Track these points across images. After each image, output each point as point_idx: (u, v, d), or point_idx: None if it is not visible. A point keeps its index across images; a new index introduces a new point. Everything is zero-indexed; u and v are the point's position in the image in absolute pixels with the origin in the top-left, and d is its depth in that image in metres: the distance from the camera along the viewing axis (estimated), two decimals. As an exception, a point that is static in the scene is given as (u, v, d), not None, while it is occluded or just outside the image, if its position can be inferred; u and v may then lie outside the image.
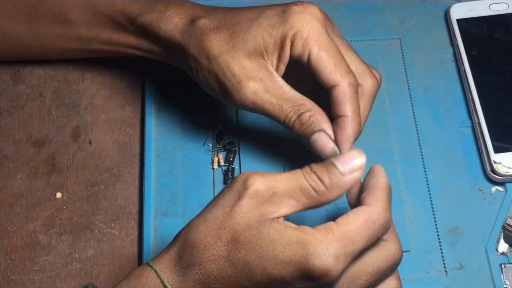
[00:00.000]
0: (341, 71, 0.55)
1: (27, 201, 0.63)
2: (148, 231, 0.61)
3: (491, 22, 0.70)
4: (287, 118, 0.56)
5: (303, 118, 0.56)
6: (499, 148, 0.63)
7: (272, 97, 0.56)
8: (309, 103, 0.56)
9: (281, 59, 0.56)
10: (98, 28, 0.63)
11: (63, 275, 0.60)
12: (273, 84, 0.56)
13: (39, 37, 0.65)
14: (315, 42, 0.55)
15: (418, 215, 0.62)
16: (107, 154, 0.66)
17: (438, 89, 0.68)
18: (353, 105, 0.55)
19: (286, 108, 0.56)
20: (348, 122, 0.55)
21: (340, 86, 0.55)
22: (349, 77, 0.55)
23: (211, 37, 0.57)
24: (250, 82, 0.56)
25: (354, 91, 0.55)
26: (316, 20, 0.55)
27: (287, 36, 0.55)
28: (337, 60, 0.55)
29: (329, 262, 0.46)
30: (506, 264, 0.59)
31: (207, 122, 0.66)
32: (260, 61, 0.56)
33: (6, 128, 0.67)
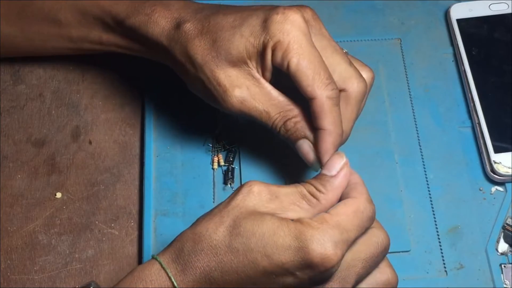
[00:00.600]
0: (319, 84, 0.54)
1: (27, 201, 0.63)
2: (148, 231, 0.61)
3: (491, 22, 0.70)
4: (273, 124, 0.57)
5: (288, 124, 0.57)
6: (499, 148, 0.63)
7: (258, 104, 0.57)
8: (297, 109, 0.57)
9: (264, 66, 0.56)
10: (88, 29, 0.63)
11: (63, 275, 0.60)
12: (259, 90, 0.57)
13: (31, 37, 0.65)
14: (294, 53, 0.54)
15: (418, 215, 0.62)
16: (107, 154, 0.66)
17: (438, 89, 0.68)
18: (331, 118, 0.55)
19: (272, 115, 0.57)
20: (325, 135, 0.55)
21: (318, 100, 0.55)
22: (327, 90, 0.54)
23: (195, 44, 0.57)
24: (235, 91, 0.57)
25: (333, 104, 0.55)
26: (297, 29, 0.55)
27: (268, 46, 0.55)
28: (315, 72, 0.54)
29: (327, 247, 0.48)
30: (506, 264, 0.59)
31: (207, 122, 0.66)
32: (245, 69, 0.57)
33: (6, 128, 0.67)
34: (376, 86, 0.68)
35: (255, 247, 0.48)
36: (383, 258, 0.53)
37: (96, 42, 0.64)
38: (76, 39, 0.64)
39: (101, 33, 0.63)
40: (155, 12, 0.59)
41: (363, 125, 0.66)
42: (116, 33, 0.63)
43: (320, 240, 0.48)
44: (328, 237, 0.48)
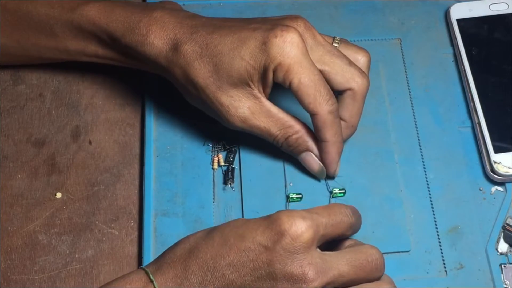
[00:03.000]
0: (320, 100, 0.57)
1: (27, 201, 0.63)
2: (148, 231, 0.61)
3: (491, 22, 0.70)
4: (275, 140, 0.61)
5: (290, 140, 0.60)
6: (499, 148, 0.63)
7: (259, 122, 0.60)
8: (297, 124, 0.60)
9: (265, 85, 0.59)
10: (84, 42, 0.64)
11: (63, 275, 0.60)
12: (260, 109, 0.59)
13: (27, 48, 0.65)
14: (295, 74, 0.57)
15: (418, 215, 0.62)
16: (107, 154, 0.66)
17: (438, 89, 0.68)
18: (332, 131, 0.59)
19: (273, 131, 0.60)
20: (329, 146, 0.60)
21: (319, 115, 0.58)
22: (327, 106, 0.58)
23: (195, 68, 0.59)
24: (237, 111, 0.59)
25: (334, 117, 0.58)
26: (296, 49, 0.57)
27: (269, 68, 0.57)
28: (316, 90, 0.57)
29: (295, 216, 0.50)
30: (506, 264, 0.59)
31: (207, 122, 0.66)
32: (246, 89, 0.59)
33: (6, 128, 0.67)
34: (376, 86, 0.68)
35: (228, 233, 0.51)
36: (377, 273, 0.53)
37: (93, 56, 0.65)
38: (73, 52, 0.65)
39: (97, 47, 0.64)
40: (150, 33, 0.60)
41: (363, 125, 0.66)
42: (113, 49, 0.63)
43: (287, 212, 0.51)
44: (296, 212, 0.51)
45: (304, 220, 0.50)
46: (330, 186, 0.63)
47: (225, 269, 0.50)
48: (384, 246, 0.60)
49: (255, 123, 0.60)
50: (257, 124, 0.60)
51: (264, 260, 0.49)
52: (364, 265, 0.52)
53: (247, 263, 0.50)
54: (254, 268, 0.50)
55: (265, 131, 0.60)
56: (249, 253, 0.50)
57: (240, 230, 0.51)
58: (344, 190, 0.62)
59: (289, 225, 0.50)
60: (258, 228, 0.50)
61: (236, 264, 0.50)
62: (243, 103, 0.59)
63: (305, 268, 0.49)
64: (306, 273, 0.49)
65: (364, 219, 0.61)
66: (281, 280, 0.49)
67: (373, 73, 0.68)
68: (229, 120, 0.60)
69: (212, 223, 0.61)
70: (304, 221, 0.50)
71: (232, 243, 0.50)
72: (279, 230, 0.50)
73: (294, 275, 0.49)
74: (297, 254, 0.50)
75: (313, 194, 0.62)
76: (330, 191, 0.62)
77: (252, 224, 0.51)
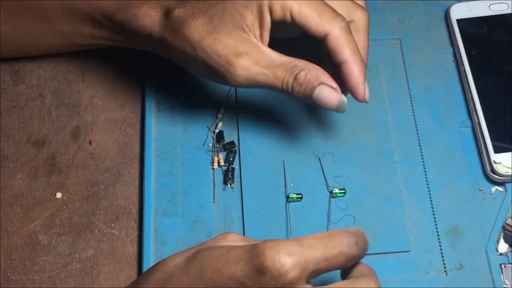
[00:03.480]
0: (328, 19, 0.54)
1: (27, 201, 0.63)
2: (148, 231, 0.61)
3: (491, 22, 0.70)
4: (283, 84, 0.56)
5: (300, 78, 0.55)
6: (499, 148, 0.63)
7: (263, 68, 0.56)
8: (301, 62, 0.56)
9: (263, 27, 0.56)
10: (79, 24, 0.63)
11: (63, 275, 0.60)
12: (260, 55, 0.56)
13: (23, 35, 0.65)
14: (294, 1, 0.54)
15: (418, 215, 0.62)
16: (107, 154, 0.66)
17: (438, 89, 0.68)
18: (351, 48, 0.55)
19: (280, 74, 0.56)
20: (351, 66, 0.55)
21: (332, 35, 0.55)
22: (337, 22, 0.55)
23: (189, 24, 0.57)
24: (237, 59, 0.56)
25: (348, 33, 0.55)
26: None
27: (264, 4, 0.55)
28: (320, 9, 0.54)
29: (281, 251, 0.44)
30: (506, 264, 0.59)
31: (207, 122, 0.66)
32: (242, 35, 0.56)
33: (6, 128, 0.67)
34: (376, 86, 0.68)
35: (206, 265, 0.46)
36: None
37: (89, 37, 0.64)
38: (69, 34, 0.64)
39: (92, 28, 0.63)
40: (143, 5, 0.59)
41: (363, 125, 0.66)
42: (107, 28, 0.62)
43: (273, 246, 0.44)
44: (283, 246, 0.44)
45: (291, 256, 0.44)
46: (330, 186, 0.63)
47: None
48: (384, 246, 0.60)
49: (258, 70, 0.56)
50: (261, 71, 0.56)
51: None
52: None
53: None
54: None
55: (270, 75, 0.56)
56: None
57: (219, 263, 0.45)
58: (344, 190, 0.62)
59: (272, 262, 0.44)
60: (238, 263, 0.45)
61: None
62: (241, 50, 0.56)
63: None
64: None
65: (364, 219, 0.61)
66: None
67: (373, 73, 0.68)
68: (231, 72, 0.56)
69: (212, 223, 0.61)
70: (290, 258, 0.44)
71: (208, 278, 0.45)
72: (259, 267, 0.44)
73: None
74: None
75: (313, 194, 0.62)
76: (330, 191, 0.62)
77: (233, 256, 0.45)
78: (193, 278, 0.46)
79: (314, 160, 0.64)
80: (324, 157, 0.64)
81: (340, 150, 0.65)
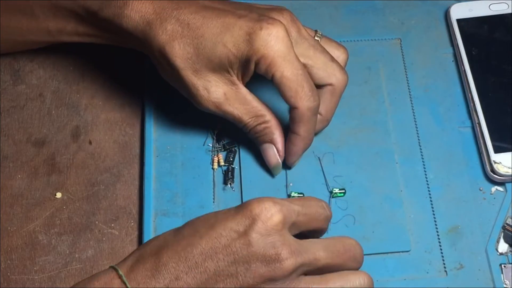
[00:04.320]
0: (302, 95, 0.58)
1: (27, 201, 0.63)
2: (148, 231, 0.61)
3: (491, 22, 0.70)
4: (244, 127, 0.61)
5: (258, 128, 0.61)
6: (499, 148, 0.63)
7: (233, 109, 0.60)
8: (268, 115, 0.60)
9: (245, 74, 0.59)
10: (64, 21, 0.63)
11: (63, 275, 0.60)
12: (236, 95, 0.60)
13: (9, 31, 0.65)
14: (278, 67, 0.57)
15: (418, 215, 0.62)
16: (107, 154, 0.66)
17: (438, 89, 0.68)
18: (307, 127, 0.59)
19: (245, 119, 0.60)
20: (299, 140, 0.60)
21: (299, 110, 0.58)
22: (308, 102, 0.58)
23: (174, 47, 0.58)
24: (212, 96, 0.59)
25: (311, 114, 0.59)
26: (281, 43, 0.57)
27: (251, 59, 0.57)
28: (298, 85, 0.57)
29: (265, 200, 0.50)
30: (506, 264, 0.59)
31: (207, 122, 0.66)
32: (225, 75, 0.59)
33: (6, 128, 0.67)
34: (376, 86, 0.68)
35: (198, 224, 0.51)
36: (354, 263, 0.53)
37: (73, 34, 0.64)
38: (54, 32, 0.64)
39: (77, 25, 0.63)
40: (127, 5, 0.59)
41: (363, 125, 0.66)
42: (91, 25, 0.62)
43: (258, 199, 0.51)
44: (266, 198, 0.51)
45: (274, 204, 0.50)
46: (330, 186, 0.63)
47: (198, 257, 0.49)
48: (384, 246, 0.60)
49: (228, 109, 0.60)
50: (230, 110, 0.60)
51: (237, 244, 0.49)
52: (341, 252, 0.52)
53: (220, 249, 0.49)
54: (227, 254, 0.49)
55: (237, 117, 0.60)
56: (221, 239, 0.49)
57: (211, 220, 0.51)
58: (344, 190, 0.62)
59: (260, 209, 0.50)
60: (229, 216, 0.50)
61: (209, 251, 0.49)
62: (219, 88, 0.59)
63: (278, 248, 0.49)
64: (280, 253, 0.49)
65: (364, 219, 0.61)
66: (255, 262, 0.49)
67: (373, 73, 0.69)
68: (203, 104, 0.60)
69: (212, 223, 0.61)
70: (274, 205, 0.50)
71: (203, 232, 0.50)
72: (250, 215, 0.50)
73: (268, 255, 0.49)
74: (270, 236, 0.49)
75: (313, 194, 0.62)
76: (330, 191, 0.62)
77: (223, 214, 0.51)
78: (188, 236, 0.50)
79: (314, 160, 0.64)
80: (324, 157, 0.64)
81: (340, 150, 0.65)
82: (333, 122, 0.65)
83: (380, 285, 0.58)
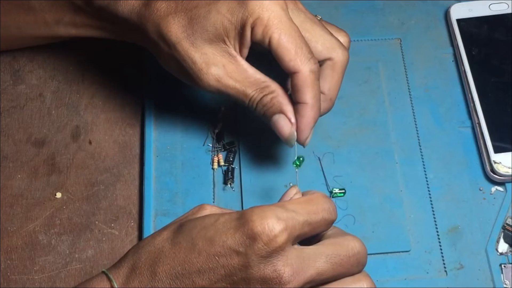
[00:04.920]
0: (302, 58, 0.54)
1: (27, 201, 0.63)
2: (148, 231, 0.61)
3: (491, 22, 0.70)
4: (250, 101, 0.57)
5: (265, 99, 0.56)
6: (499, 148, 0.63)
7: (235, 82, 0.56)
8: (273, 85, 0.57)
9: (242, 43, 0.56)
10: (61, 12, 0.63)
11: (63, 275, 0.60)
12: (236, 68, 0.56)
13: (7, 26, 0.65)
14: (275, 28, 0.54)
15: (418, 215, 0.62)
16: (107, 154, 0.66)
17: (438, 89, 0.68)
18: (313, 92, 0.55)
19: (249, 92, 0.56)
20: (307, 109, 0.56)
21: (300, 74, 0.55)
22: (309, 64, 0.55)
23: (169, 22, 0.56)
24: (211, 69, 0.56)
25: (315, 78, 0.55)
26: (276, 4, 0.54)
27: (247, 22, 0.54)
28: (297, 46, 0.54)
29: (269, 216, 0.47)
30: (506, 264, 0.59)
31: (207, 122, 0.66)
32: (222, 46, 0.56)
33: (6, 128, 0.67)
34: (376, 86, 0.68)
35: (196, 236, 0.48)
36: (358, 267, 0.51)
37: (70, 25, 0.63)
38: (52, 23, 0.64)
39: (74, 15, 0.62)
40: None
41: (363, 125, 0.66)
42: (87, 14, 0.62)
43: (260, 213, 0.47)
44: (270, 211, 0.47)
45: (278, 222, 0.47)
46: (330, 186, 0.63)
47: (195, 276, 0.47)
48: (384, 246, 0.60)
49: (230, 82, 0.56)
50: (232, 84, 0.56)
51: (236, 265, 0.47)
52: (344, 262, 0.49)
53: (218, 269, 0.47)
54: (226, 274, 0.47)
55: (241, 91, 0.56)
56: (219, 258, 0.47)
57: (209, 232, 0.48)
58: (344, 190, 0.62)
59: (262, 228, 0.46)
60: (228, 231, 0.47)
61: (207, 270, 0.47)
62: (218, 61, 0.56)
63: (279, 271, 0.47)
64: (281, 276, 0.47)
65: (364, 219, 0.61)
66: (255, 284, 0.47)
67: (373, 73, 0.69)
68: (203, 79, 0.56)
69: (212, 223, 0.61)
70: (278, 223, 0.47)
71: (200, 247, 0.47)
72: (250, 233, 0.46)
73: (269, 278, 0.47)
74: (271, 257, 0.47)
75: (313, 194, 0.62)
76: (330, 191, 0.63)
77: (222, 226, 0.48)
78: (185, 249, 0.48)
79: (314, 160, 0.64)
80: (324, 157, 0.64)
81: (340, 150, 0.65)
82: (333, 122, 0.65)
83: (380, 285, 0.58)
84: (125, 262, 0.50)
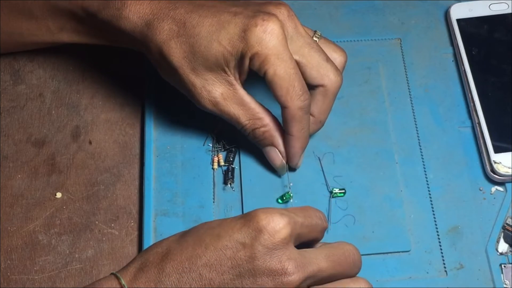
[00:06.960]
0: (292, 95, 0.57)
1: (27, 201, 0.63)
2: (148, 231, 0.61)
3: (491, 22, 0.70)
4: (242, 129, 0.61)
5: (257, 132, 0.60)
6: (499, 148, 0.63)
7: (230, 108, 0.59)
8: (267, 118, 0.60)
9: (241, 71, 0.58)
10: (64, 20, 0.63)
11: (63, 275, 0.60)
12: (233, 95, 0.59)
13: (10, 33, 0.65)
14: (271, 64, 0.56)
15: (418, 215, 0.62)
16: (107, 154, 0.66)
17: (438, 89, 0.68)
18: (300, 126, 0.59)
19: (242, 121, 0.60)
20: (294, 140, 0.60)
21: (289, 109, 0.58)
22: (299, 102, 0.57)
23: (171, 46, 0.58)
24: (210, 95, 0.59)
25: (303, 113, 0.58)
26: (275, 40, 0.56)
27: (246, 56, 0.57)
28: (290, 84, 0.57)
29: (273, 212, 0.50)
30: (506, 264, 0.59)
31: (207, 122, 0.66)
32: (222, 75, 0.59)
33: (6, 128, 0.67)
34: (376, 86, 0.68)
35: (203, 234, 0.51)
36: (354, 269, 0.53)
37: (73, 32, 0.64)
38: (54, 30, 0.64)
39: (76, 24, 0.63)
40: (125, 7, 0.59)
41: (363, 125, 0.66)
42: (90, 25, 0.62)
43: (264, 210, 0.50)
44: (273, 209, 0.50)
45: (282, 217, 0.50)
46: (330, 186, 0.63)
47: (202, 269, 0.49)
48: (384, 246, 0.60)
49: (226, 109, 0.59)
50: (228, 110, 0.59)
51: (243, 257, 0.49)
52: (341, 261, 0.52)
53: (225, 261, 0.49)
54: (232, 266, 0.49)
55: (234, 118, 0.60)
56: (226, 251, 0.49)
57: (216, 230, 0.50)
58: (344, 190, 0.62)
59: (267, 221, 0.49)
60: (235, 226, 0.50)
61: (214, 263, 0.49)
62: (217, 88, 0.59)
63: (284, 263, 0.49)
64: (286, 267, 0.49)
65: (364, 219, 0.61)
66: (261, 276, 0.49)
67: (373, 73, 0.69)
68: (200, 102, 0.60)
69: (212, 223, 0.61)
70: (281, 218, 0.50)
71: (208, 242, 0.50)
72: (256, 227, 0.49)
73: (274, 270, 0.49)
74: (276, 250, 0.49)
75: (313, 194, 0.62)
76: (330, 191, 0.62)
77: (228, 223, 0.50)
78: (192, 245, 0.50)
79: (314, 160, 0.64)
80: (324, 157, 0.64)
81: (340, 150, 0.65)
82: (333, 122, 0.65)
83: (380, 285, 0.58)
84: (133, 264, 0.51)
